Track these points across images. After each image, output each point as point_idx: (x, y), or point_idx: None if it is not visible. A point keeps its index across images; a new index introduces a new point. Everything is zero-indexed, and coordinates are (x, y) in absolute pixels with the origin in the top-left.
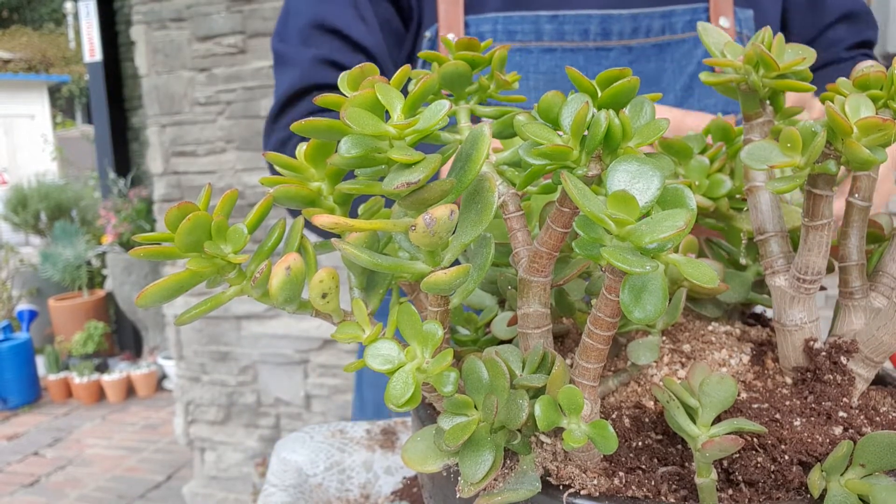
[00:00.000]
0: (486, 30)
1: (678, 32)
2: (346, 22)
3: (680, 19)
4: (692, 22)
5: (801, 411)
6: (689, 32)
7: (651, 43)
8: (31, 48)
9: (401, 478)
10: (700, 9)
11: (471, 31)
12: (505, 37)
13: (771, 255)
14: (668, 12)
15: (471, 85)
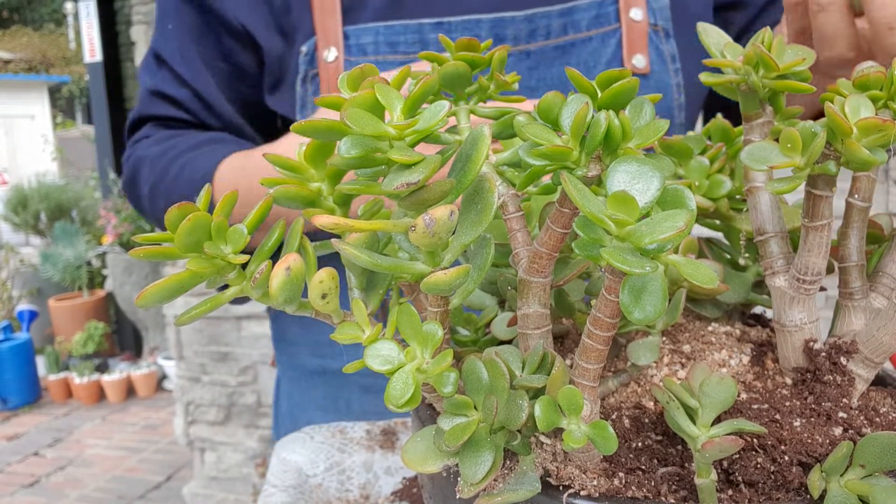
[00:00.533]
0: (367, 41)
1: (582, 31)
2: (172, 55)
3: (584, 16)
4: (598, 17)
5: (800, 412)
6: (596, 29)
7: (552, 45)
8: (31, 48)
9: (401, 478)
10: (607, 1)
11: (351, 44)
12: (388, 48)
13: (771, 256)
14: (569, 9)
15: (470, 85)
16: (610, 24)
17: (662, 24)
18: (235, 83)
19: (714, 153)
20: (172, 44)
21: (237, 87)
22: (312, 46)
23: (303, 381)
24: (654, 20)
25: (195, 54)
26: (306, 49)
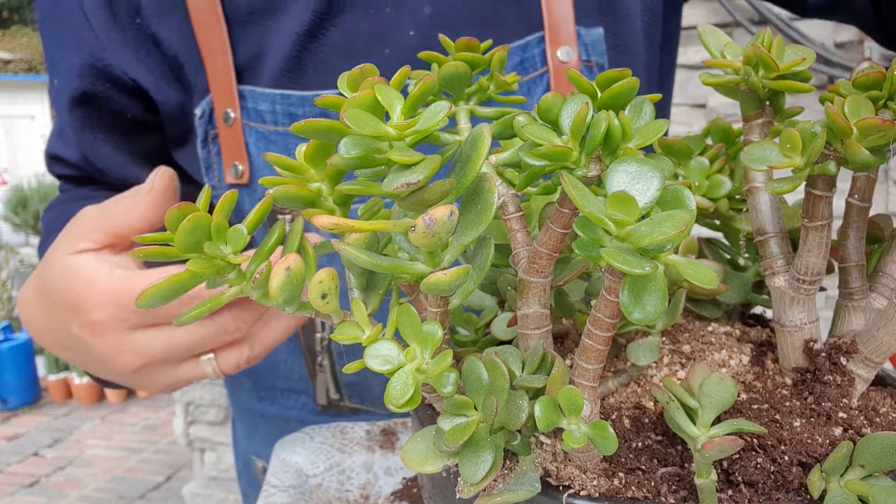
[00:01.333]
0: (265, 109)
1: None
2: (62, 113)
3: (507, 64)
4: (523, 63)
5: (800, 412)
6: (522, 76)
7: None
8: (31, 49)
9: (400, 478)
10: (532, 42)
11: (248, 106)
12: (286, 119)
13: (770, 256)
14: None
15: (470, 86)
16: (536, 70)
17: (596, 60)
18: (138, 139)
19: (714, 153)
20: (61, 101)
21: (140, 143)
22: (209, 107)
23: (248, 418)
24: (586, 56)
25: (81, 115)
26: (200, 112)
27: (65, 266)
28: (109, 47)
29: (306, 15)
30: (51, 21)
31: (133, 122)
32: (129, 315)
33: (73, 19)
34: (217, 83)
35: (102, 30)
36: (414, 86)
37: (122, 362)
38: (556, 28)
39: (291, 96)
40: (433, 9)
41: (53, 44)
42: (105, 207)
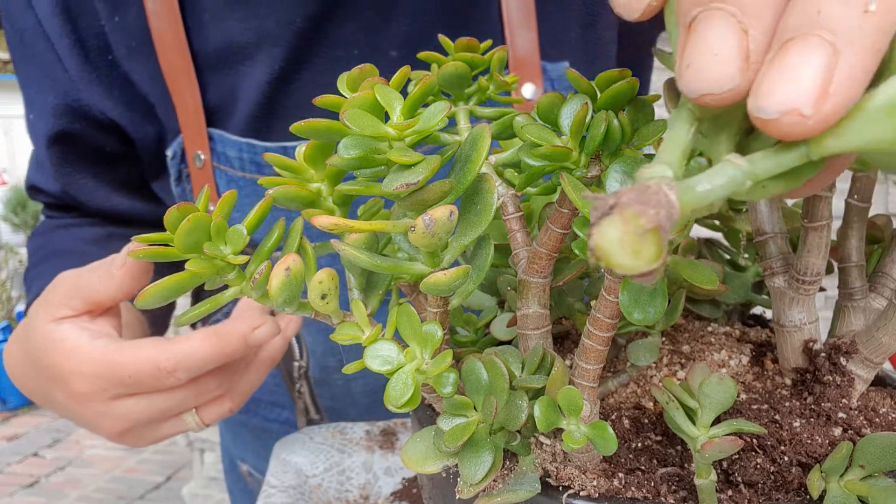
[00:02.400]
0: (233, 156)
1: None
2: (38, 147)
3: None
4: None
5: (800, 412)
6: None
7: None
8: None
9: (400, 479)
10: None
11: (217, 150)
12: (253, 167)
13: (770, 256)
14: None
15: (470, 86)
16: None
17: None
18: (117, 169)
19: None
20: (38, 137)
21: (120, 172)
22: (180, 148)
23: (233, 426)
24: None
25: (58, 151)
26: (172, 153)
27: (46, 335)
28: (84, 87)
29: (276, 63)
30: (23, 60)
31: (112, 155)
32: (110, 386)
33: (46, 59)
34: (187, 125)
35: (76, 69)
36: (414, 86)
37: (107, 427)
38: (521, 64)
39: (256, 146)
40: (400, 53)
41: (29, 82)
42: (80, 275)
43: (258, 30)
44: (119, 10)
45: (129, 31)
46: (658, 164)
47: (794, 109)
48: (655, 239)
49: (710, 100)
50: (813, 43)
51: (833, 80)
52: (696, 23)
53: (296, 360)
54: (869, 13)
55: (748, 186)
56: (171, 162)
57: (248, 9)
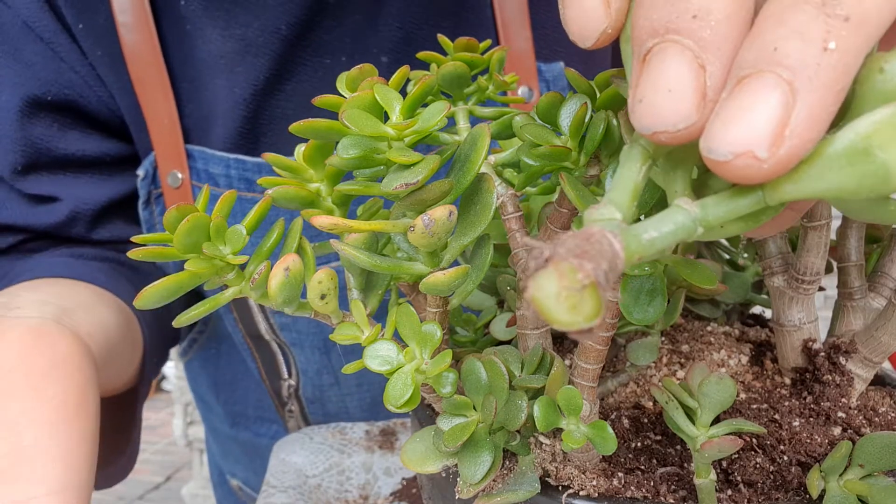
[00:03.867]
0: (219, 172)
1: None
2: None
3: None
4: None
5: (799, 412)
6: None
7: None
8: None
9: (400, 479)
10: None
11: (198, 167)
12: (242, 184)
13: (769, 256)
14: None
15: (469, 86)
16: None
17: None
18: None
19: None
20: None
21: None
22: (151, 167)
23: (223, 440)
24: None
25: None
26: (143, 172)
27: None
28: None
29: (261, 73)
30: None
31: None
32: None
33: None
34: (161, 142)
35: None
36: (413, 86)
37: None
38: (516, 65)
39: (246, 162)
40: (390, 57)
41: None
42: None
43: (241, 38)
44: (83, 16)
45: (94, 39)
46: (607, 206)
47: (748, 151)
48: (593, 295)
49: (663, 137)
50: (769, 81)
51: (790, 121)
52: (650, 55)
53: (283, 379)
54: (828, 51)
55: (700, 233)
56: (141, 183)
57: (229, 17)
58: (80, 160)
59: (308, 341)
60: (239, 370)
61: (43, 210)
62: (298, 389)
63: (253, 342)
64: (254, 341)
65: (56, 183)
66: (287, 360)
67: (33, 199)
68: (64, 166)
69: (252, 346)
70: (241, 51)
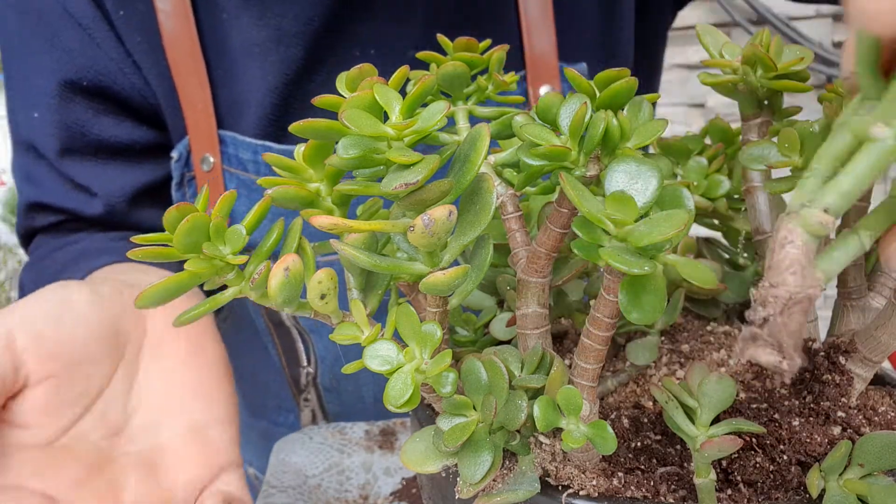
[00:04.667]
0: (248, 158)
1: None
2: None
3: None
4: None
5: (799, 411)
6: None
7: None
8: None
9: (400, 479)
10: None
11: (229, 152)
12: (269, 170)
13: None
14: None
15: (469, 86)
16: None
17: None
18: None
19: (712, 153)
20: (48, 138)
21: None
22: (185, 150)
23: (241, 429)
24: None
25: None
26: (176, 155)
27: None
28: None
29: (293, 63)
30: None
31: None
32: None
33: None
34: (195, 127)
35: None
36: (412, 86)
37: None
38: (538, 65)
39: (273, 149)
40: (418, 51)
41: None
42: None
43: (275, 28)
44: (125, 4)
45: (134, 26)
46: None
47: None
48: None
49: None
50: None
51: None
52: None
53: (303, 367)
54: None
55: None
56: (175, 164)
57: (264, 7)
58: (112, 146)
59: (326, 328)
60: (260, 359)
61: (82, 199)
62: (316, 377)
63: (275, 328)
64: (276, 328)
65: (89, 171)
66: (307, 348)
67: (73, 185)
68: (97, 152)
69: (273, 333)
70: (275, 40)
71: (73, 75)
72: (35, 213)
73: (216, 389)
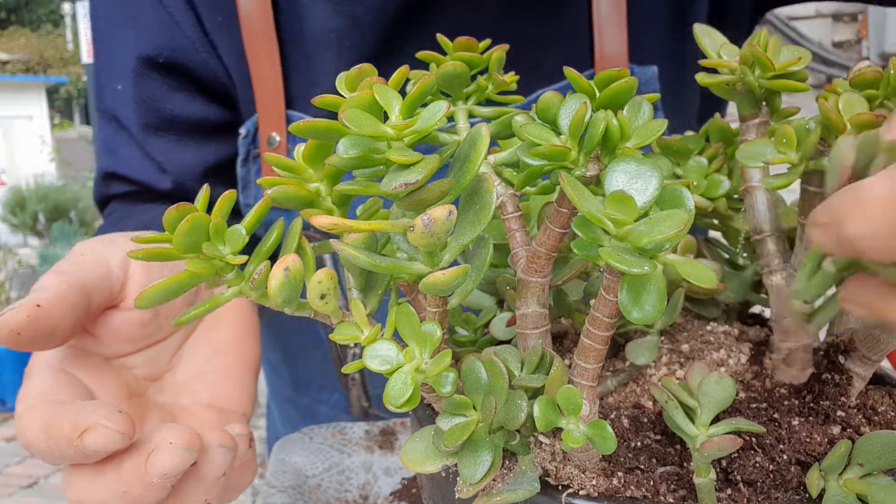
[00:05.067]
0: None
1: None
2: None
3: None
4: None
5: (799, 411)
6: None
7: None
8: (28, 49)
9: (399, 479)
10: None
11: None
12: None
13: (767, 255)
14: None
15: (468, 86)
16: None
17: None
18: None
19: (712, 153)
20: (128, 110)
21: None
22: (253, 127)
23: (282, 404)
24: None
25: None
26: (244, 131)
27: None
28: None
29: (365, 50)
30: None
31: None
32: None
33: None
34: (264, 105)
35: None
36: (412, 86)
37: None
38: (608, 65)
39: None
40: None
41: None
42: None
43: (351, 15)
44: None
45: (215, 7)
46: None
47: None
48: None
49: None
50: None
51: None
52: None
53: (350, 347)
54: None
55: None
56: (242, 141)
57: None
58: (184, 122)
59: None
60: (310, 337)
61: (154, 172)
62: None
63: None
64: None
65: (163, 146)
66: None
67: (148, 158)
68: (169, 128)
69: None
70: (350, 27)
71: (150, 51)
72: (111, 181)
73: (245, 381)
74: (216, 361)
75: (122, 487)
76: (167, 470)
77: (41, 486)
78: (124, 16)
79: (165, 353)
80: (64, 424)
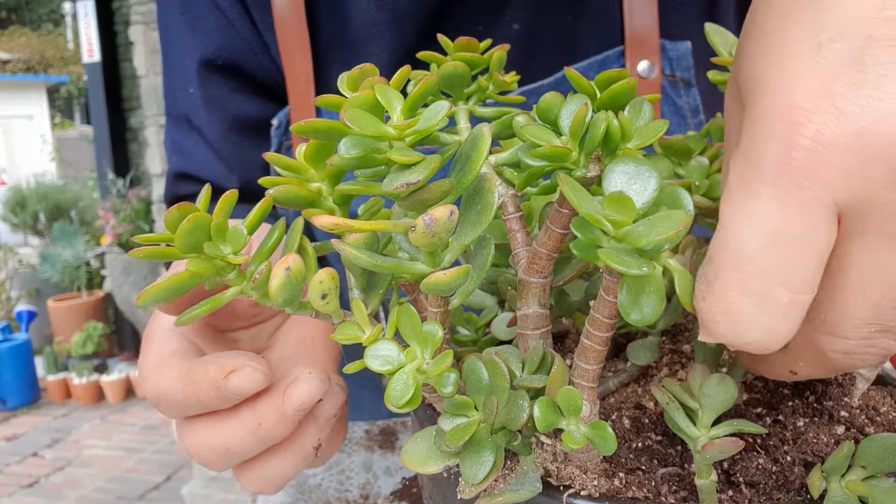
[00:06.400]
0: None
1: None
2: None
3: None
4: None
5: (802, 412)
6: None
7: None
8: (29, 49)
9: (400, 478)
10: (611, 56)
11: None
12: None
13: None
14: (563, 78)
15: (470, 86)
16: None
17: (681, 75)
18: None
19: (714, 152)
20: (199, 111)
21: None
22: (286, 118)
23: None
24: (670, 71)
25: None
26: (277, 122)
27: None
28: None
29: (406, 41)
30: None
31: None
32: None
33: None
34: (296, 98)
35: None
36: (413, 86)
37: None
38: (639, 41)
39: None
40: (521, 25)
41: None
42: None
43: (392, 9)
44: None
45: (265, 7)
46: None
47: None
48: None
49: None
50: None
51: None
52: None
53: None
54: None
55: None
56: (275, 132)
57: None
58: (245, 122)
59: None
60: None
61: (222, 172)
62: None
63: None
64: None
65: (229, 147)
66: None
67: (217, 158)
68: (232, 128)
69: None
70: (392, 20)
71: (210, 54)
72: (181, 181)
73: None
74: (304, 348)
75: (258, 419)
76: (303, 399)
77: (41, 485)
78: (186, 22)
79: (265, 333)
80: (209, 369)
